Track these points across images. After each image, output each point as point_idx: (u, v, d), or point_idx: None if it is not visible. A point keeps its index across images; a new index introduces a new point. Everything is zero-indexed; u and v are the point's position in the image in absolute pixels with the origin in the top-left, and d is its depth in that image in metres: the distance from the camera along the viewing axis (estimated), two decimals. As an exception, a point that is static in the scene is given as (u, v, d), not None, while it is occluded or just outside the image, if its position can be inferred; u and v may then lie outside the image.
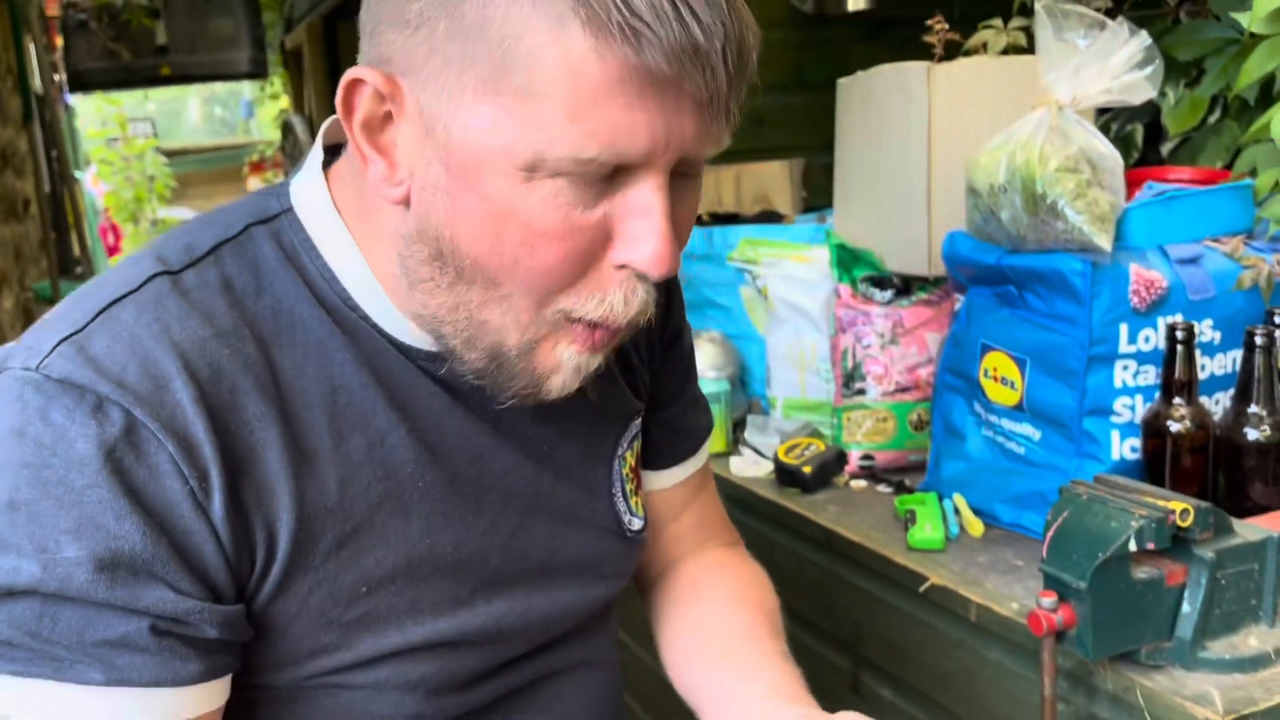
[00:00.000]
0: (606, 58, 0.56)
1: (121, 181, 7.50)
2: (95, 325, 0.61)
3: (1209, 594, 0.87)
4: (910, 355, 1.39)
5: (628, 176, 0.60)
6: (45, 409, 0.57)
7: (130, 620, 0.58)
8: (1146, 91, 1.10)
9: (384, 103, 0.62)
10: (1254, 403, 1.02)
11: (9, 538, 0.57)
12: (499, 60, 0.57)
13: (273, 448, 0.63)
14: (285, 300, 0.66)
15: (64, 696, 0.57)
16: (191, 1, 4.13)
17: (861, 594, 1.21)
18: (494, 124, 0.58)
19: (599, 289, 0.63)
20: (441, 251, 0.63)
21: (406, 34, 0.60)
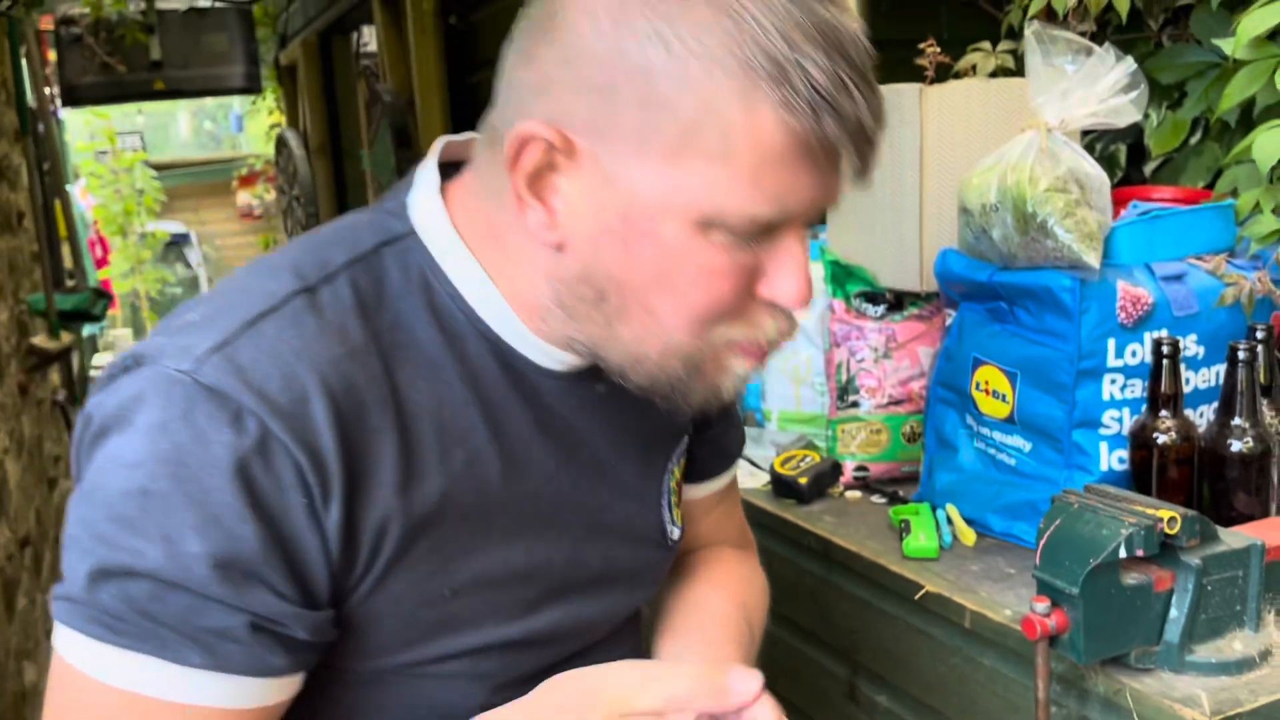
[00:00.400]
0: (790, 130, 0.63)
1: (110, 195, 7.49)
2: (243, 337, 0.65)
3: (1195, 599, 0.90)
4: (903, 369, 1.42)
5: (780, 238, 0.69)
6: (190, 410, 0.62)
7: (233, 615, 0.62)
8: (1132, 115, 1.14)
9: (552, 155, 0.67)
10: (1237, 415, 1.05)
11: (138, 522, 0.61)
12: (690, 127, 0.63)
13: (388, 459, 0.67)
14: (404, 318, 0.71)
15: (164, 673, 0.62)
16: (185, 17, 4.15)
17: (857, 602, 1.24)
18: (679, 182, 0.64)
19: (748, 321, 0.71)
20: (608, 292, 0.69)
21: (592, 99, 0.65)
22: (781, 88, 0.62)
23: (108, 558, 0.61)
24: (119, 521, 0.62)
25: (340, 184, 4.40)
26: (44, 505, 3.14)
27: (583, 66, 0.65)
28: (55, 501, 3.48)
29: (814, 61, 0.62)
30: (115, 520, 0.62)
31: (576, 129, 0.66)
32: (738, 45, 0.62)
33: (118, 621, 0.61)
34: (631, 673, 0.70)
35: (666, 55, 0.62)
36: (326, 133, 4.31)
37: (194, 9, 4.13)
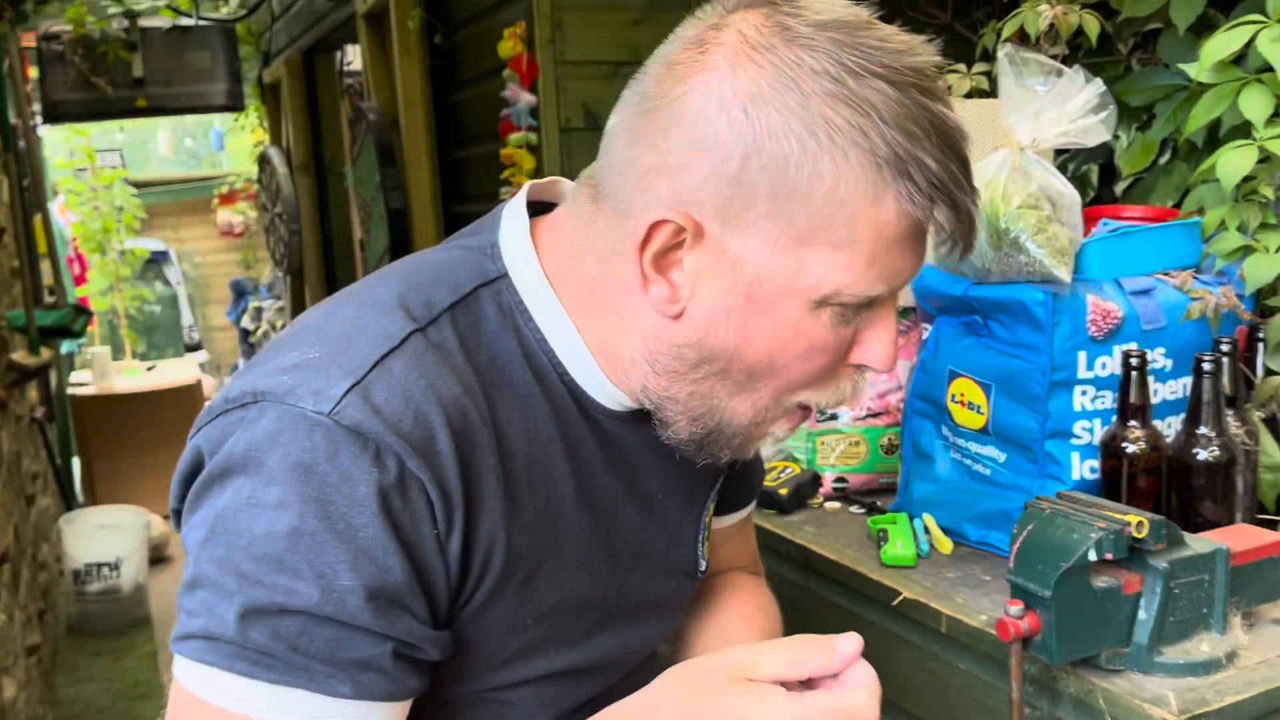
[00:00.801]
0: (910, 219, 0.68)
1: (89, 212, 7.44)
2: (373, 376, 0.67)
3: (1163, 602, 0.93)
4: (881, 382, 1.45)
5: (875, 308, 0.73)
6: (334, 452, 0.64)
7: (380, 644, 0.65)
8: (1101, 135, 1.18)
9: (679, 236, 0.70)
10: (1203, 425, 1.09)
11: (289, 561, 0.63)
12: (821, 217, 0.67)
13: (492, 493, 0.71)
14: (500, 357, 0.74)
15: (315, 705, 0.64)
16: (168, 35, 4.16)
17: (837, 610, 1.26)
18: (804, 266, 0.68)
19: (834, 383, 0.75)
20: (714, 358, 0.72)
21: (725, 186, 0.67)
22: (904, 181, 0.66)
23: (260, 598, 0.63)
24: (268, 562, 0.63)
25: (323, 201, 4.41)
26: (22, 522, 3.12)
27: (715, 155, 0.67)
28: (33, 518, 3.46)
29: (931, 155, 0.67)
30: (264, 561, 0.63)
31: (706, 214, 0.68)
32: (865, 141, 0.65)
33: (266, 658, 0.63)
34: (744, 650, 0.73)
35: (800, 150, 0.66)
36: (309, 150, 4.32)
37: (177, 27, 4.15)
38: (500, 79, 2.26)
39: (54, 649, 3.58)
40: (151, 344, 8.51)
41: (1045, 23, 1.44)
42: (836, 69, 0.66)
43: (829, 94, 0.65)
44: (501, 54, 2.24)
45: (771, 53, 0.67)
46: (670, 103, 0.69)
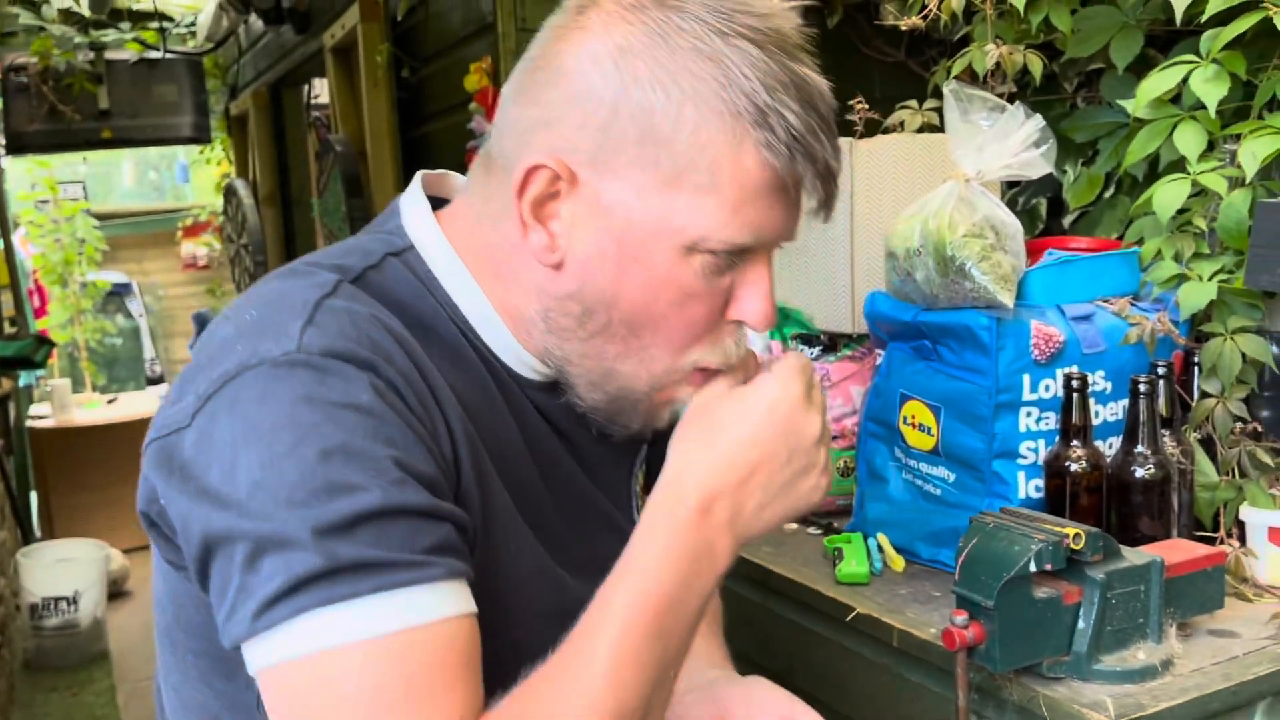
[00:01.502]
0: (770, 168, 0.72)
1: (50, 244, 7.38)
2: (319, 314, 0.70)
3: (1101, 611, 0.97)
4: (837, 406, 1.49)
5: (747, 260, 0.77)
6: (323, 377, 0.67)
7: (440, 525, 0.68)
8: (1042, 167, 1.23)
9: (556, 185, 0.74)
10: (1140, 444, 1.14)
11: (336, 479, 0.64)
12: (684, 162, 0.72)
13: (447, 417, 0.74)
14: (425, 315, 0.78)
15: (418, 598, 0.65)
16: (135, 68, 4.17)
17: (794, 627, 1.29)
18: (670, 211, 0.73)
19: (718, 340, 0.79)
20: (595, 310, 0.76)
21: (596, 135, 0.73)
22: (763, 130, 0.71)
23: (327, 518, 0.63)
24: (318, 492, 0.64)
25: (289, 232, 4.42)
26: (-22, 554, 3.08)
27: (588, 106, 0.72)
28: (-10, 551, 3.41)
29: (789, 109, 0.71)
30: (314, 494, 0.64)
31: (579, 161, 0.73)
32: (726, 92, 0.71)
33: (361, 570, 0.63)
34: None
35: (665, 99, 0.71)
36: (276, 182, 4.34)
37: (144, 60, 4.16)
38: (467, 111, 2.30)
39: (9, 685, 3.52)
40: (112, 377, 8.42)
41: (992, 61, 1.51)
42: (703, 28, 0.71)
43: (694, 49, 0.71)
44: (468, 87, 2.29)
45: (644, 12, 0.72)
46: (550, 61, 0.74)
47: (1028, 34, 1.58)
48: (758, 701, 0.87)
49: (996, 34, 1.54)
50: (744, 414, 0.76)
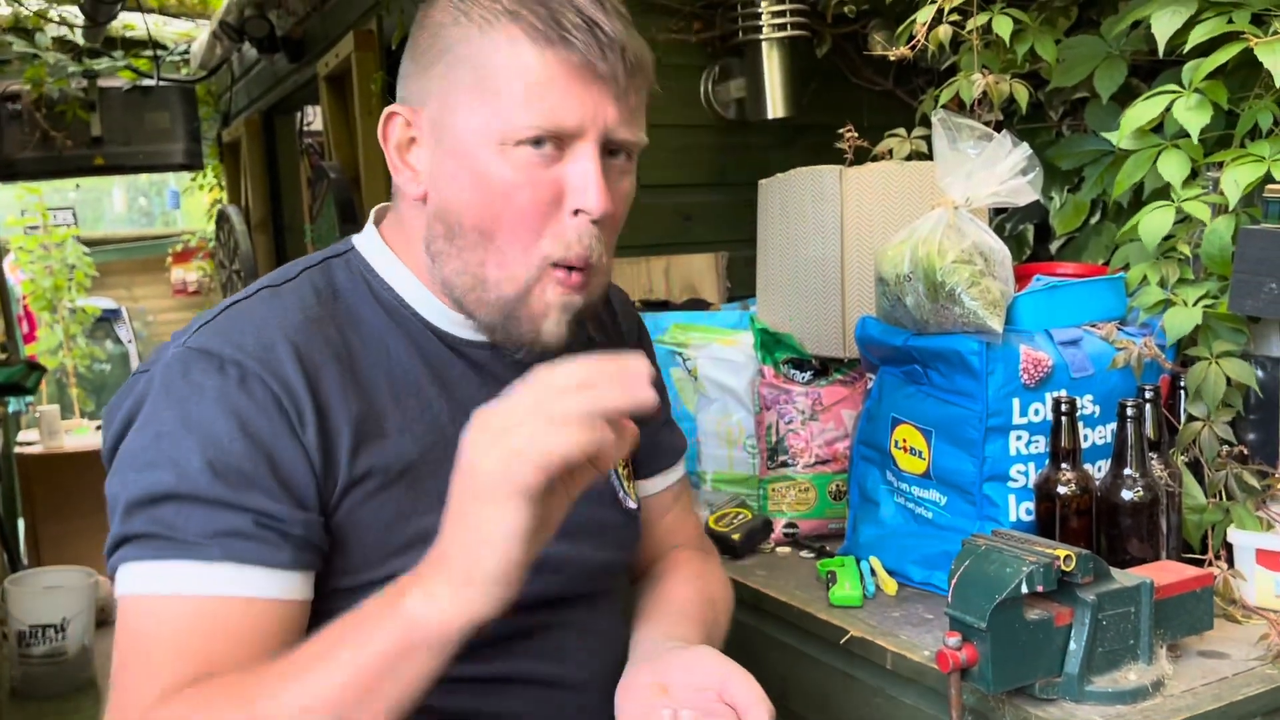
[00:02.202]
0: (546, 59, 0.84)
1: (40, 270, 7.38)
2: (223, 316, 0.87)
3: (1092, 633, 0.98)
4: (828, 430, 1.50)
5: (571, 148, 0.87)
6: (187, 370, 0.82)
7: (239, 516, 0.79)
8: (1029, 194, 1.25)
9: (409, 129, 0.91)
10: (1128, 467, 1.15)
11: (155, 459, 0.79)
12: (477, 75, 0.86)
13: (350, 397, 0.86)
14: (353, 304, 0.92)
15: (192, 571, 0.78)
16: (128, 95, 4.19)
17: (788, 650, 1.30)
18: (478, 117, 0.86)
19: (562, 234, 0.88)
20: (450, 223, 0.89)
21: (421, 77, 0.90)
22: (535, 26, 0.84)
23: (136, 493, 0.78)
24: (140, 465, 0.79)
25: (281, 258, 4.43)
26: (-34, 582, 3.06)
27: (416, 54, 0.90)
28: (-23, 579, 3.39)
29: (562, 9, 0.84)
30: (138, 467, 0.79)
31: (419, 102, 0.90)
32: (504, 10, 0.85)
33: (152, 540, 0.78)
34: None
35: (461, 27, 0.86)
36: (268, 208, 4.35)
37: (137, 87, 4.18)
38: (460, 140, 2.32)
39: (-5, 714, 3.49)
40: (101, 403, 8.38)
41: (978, 90, 1.53)
42: None
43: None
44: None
45: None
46: (411, 42, 0.93)
47: (1013, 63, 1.60)
48: (697, 666, 0.88)
49: (983, 63, 1.56)
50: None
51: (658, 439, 1.14)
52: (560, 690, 0.95)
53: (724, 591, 1.12)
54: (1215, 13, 1.33)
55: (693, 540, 1.18)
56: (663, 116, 2.33)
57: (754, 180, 1.76)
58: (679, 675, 0.89)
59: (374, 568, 0.85)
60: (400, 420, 0.88)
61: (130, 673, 0.77)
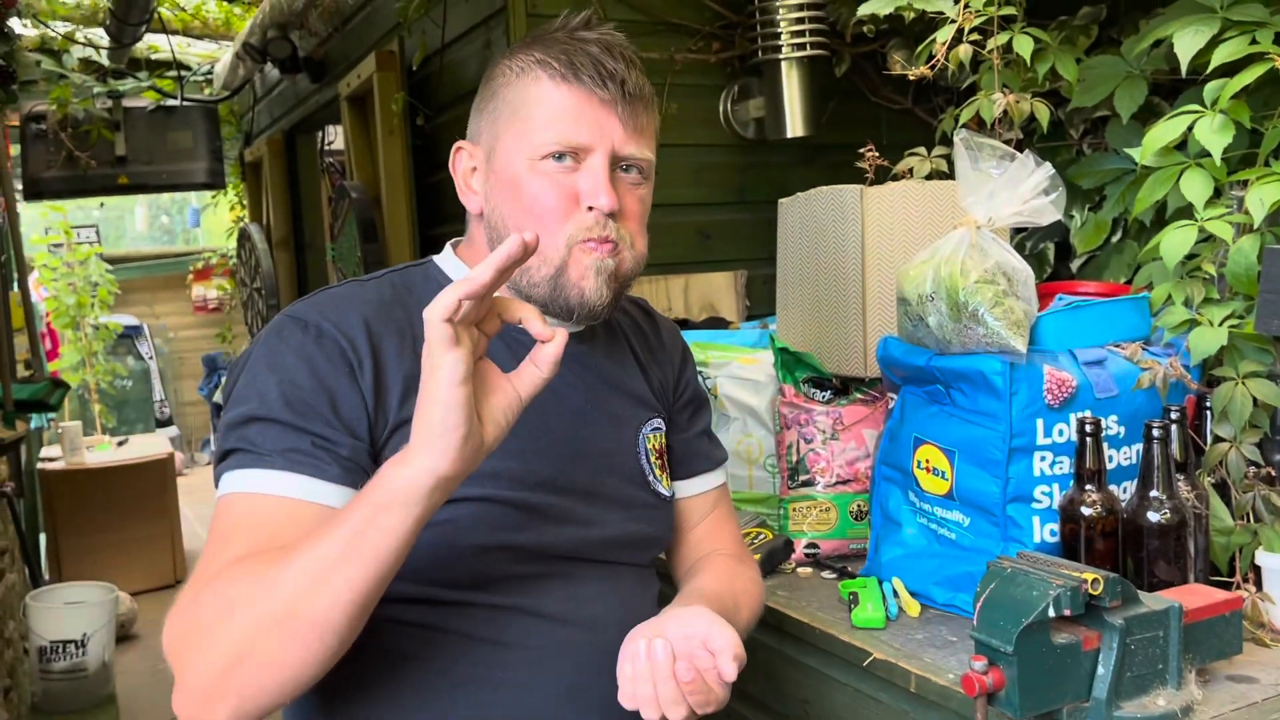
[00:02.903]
0: (562, 92, 1.06)
1: (63, 287, 7.45)
2: (315, 295, 1.07)
3: (1120, 657, 0.97)
4: (849, 450, 1.50)
5: (586, 161, 1.06)
6: (280, 330, 1.03)
7: (301, 437, 0.96)
8: (1052, 214, 1.25)
9: (471, 159, 1.12)
10: (1155, 489, 1.14)
11: (247, 393, 0.99)
12: (513, 109, 1.08)
13: (406, 359, 1.02)
14: (424, 298, 1.00)
15: (262, 476, 0.95)
16: (152, 115, 4.24)
17: (809, 672, 1.29)
18: (515, 142, 1.07)
19: (581, 222, 1.06)
20: (498, 227, 1.08)
21: (479, 118, 1.13)
22: (552, 69, 1.06)
23: (232, 417, 0.98)
24: (238, 399, 0.99)
25: (301, 276, 4.46)
26: (-11, 598, 3.08)
27: (479, 101, 1.12)
28: (1, 594, 3.41)
29: (577, 52, 1.06)
30: (237, 400, 0.99)
31: (477, 138, 1.12)
32: (537, 57, 1.07)
33: (239, 454, 0.96)
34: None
35: (505, 77, 1.09)
36: (289, 227, 4.38)
37: (161, 107, 4.23)
38: (480, 159, 2.33)
39: (16, 730, 3.50)
40: (122, 419, 8.44)
41: (999, 110, 1.53)
42: (533, 45, 1.09)
43: (522, 50, 1.09)
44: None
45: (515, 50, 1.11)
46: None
47: (1034, 82, 1.60)
48: (690, 620, 0.96)
49: (1003, 82, 1.56)
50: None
51: (694, 445, 1.25)
52: (571, 627, 1.05)
53: (752, 590, 1.17)
54: (1238, 32, 1.33)
55: (730, 547, 1.23)
56: (682, 136, 2.34)
57: (773, 199, 1.76)
58: (672, 626, 0.96)
59: None
60: None
61: (212, 549, 0.94)
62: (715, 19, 2.35)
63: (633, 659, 0.94)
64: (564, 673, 1.03)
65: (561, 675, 1.03)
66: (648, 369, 1.23)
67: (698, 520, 1.23)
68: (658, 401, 1.21)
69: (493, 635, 1.02)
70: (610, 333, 1.21)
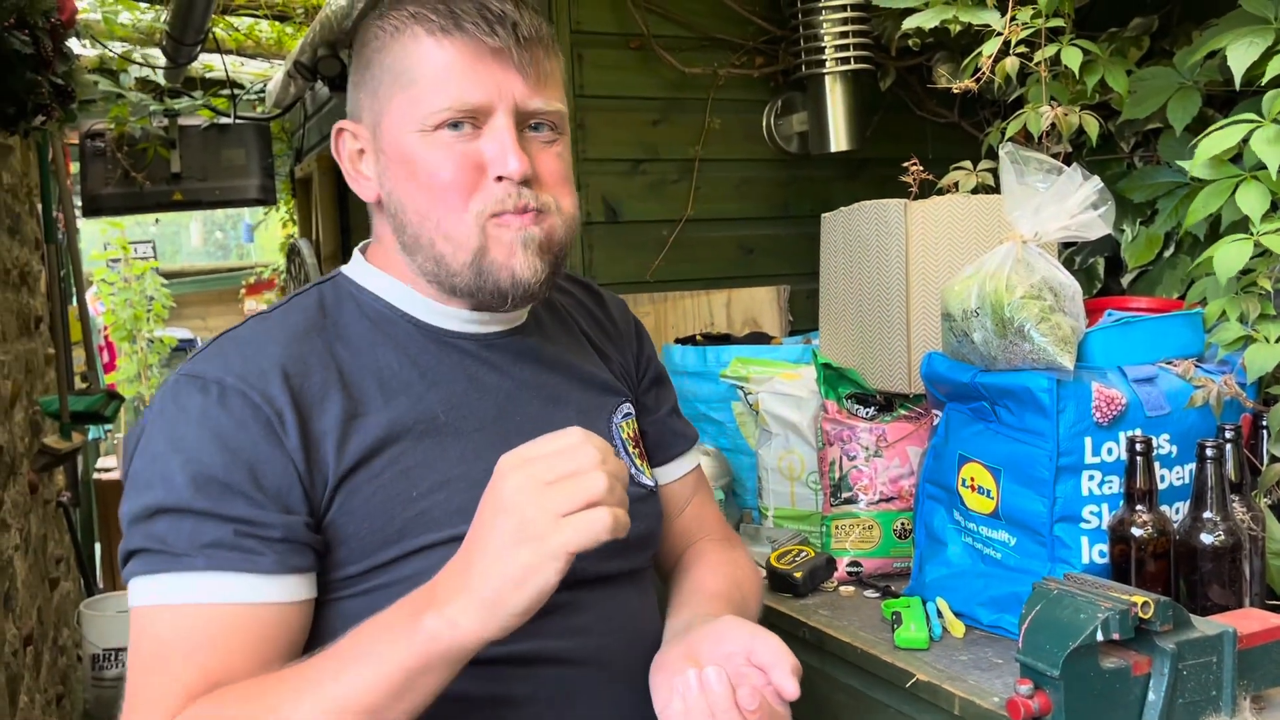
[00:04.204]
0: (445, 47, 0.94)
1: (120, 302, 7.62)
2: (213, 344, 0.94)
3: (1172, 683, 0.94)
4: (893, 467, 1.48)
5: (487, 124, 0.95)
6: (176, 395, 0.89)
7: (221, 526, 0.84)
8: (1101, 229, 1.23)
9: (356, 140, 1.00)
10: (1208, 510, 1.11)
11: (149, 478, 0.85)
12: (393, 75, 0.96)
13: (334, 401, 0.91)
14: (341, 321, 0.98)
15: (182, 581, 0.83)
16: (205, 133, 4.32)
17: (851, 693, 1.27)
18: (401, 114, 0.95)
19: (489, 196, 0.95)
20: (399, 215, 0.97)
21: (356, 92, 1.00)
22: (430, 22, 0.94)
23: (134, 510, 0.85)
24: (139, 486, 0.86)
25: (349, 291, 4.51)
26: (45, 605, 3.14)
27: (354, 74, 1.00)
28: (55, 602, 3.48)
29: (454, 6, 0.94)
30: (137, 487, 0.86)
31: (359, 115, 1.00)
32: (411, 19, 0.95)
33: (149, 555, 0.84)
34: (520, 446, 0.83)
35: (379, 40, 0.97)
36: (338, 242, 4.44)
37: (214, 125, 4.31)
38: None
39: (69, 736, 3.56)
40: (176, 431, 8.56)
41: (1047, 123, 1.51)
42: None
43: (393, 8, 0.97)
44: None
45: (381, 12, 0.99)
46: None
47: (1083, 95, 1.58)
48: (724, 635, 0.89)
49: (1051, 95, 1.54)
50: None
51: (667, 426, 1.19)
52: (580, 668, 0.95)
53: (752, 576, 1.13)
54: (1294, 42, 1.30)
55: (715, 530, 1.19)
56: (725, 150, 2.33)
57: (816, 213, 1.75)
58: (707, 646, 0.90)
59: (374, 554, 0.90)
60: (390, 415, 0.93)
61: (146, 677, 0.82)
62: (759, 34, 2.35)
63: (683, 693, 0.84)
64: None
65: None
66: (605, 352, 1.14)
67: (682, 506, 1.18)
68: (622, 385, 1.13)
69: (492, 692, 0.91)
70: (558, 318, 1.12)
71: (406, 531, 0.90)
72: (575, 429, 0.80)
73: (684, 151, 2.30)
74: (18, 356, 3.01)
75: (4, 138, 2.92)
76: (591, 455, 0.77)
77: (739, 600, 1.04)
